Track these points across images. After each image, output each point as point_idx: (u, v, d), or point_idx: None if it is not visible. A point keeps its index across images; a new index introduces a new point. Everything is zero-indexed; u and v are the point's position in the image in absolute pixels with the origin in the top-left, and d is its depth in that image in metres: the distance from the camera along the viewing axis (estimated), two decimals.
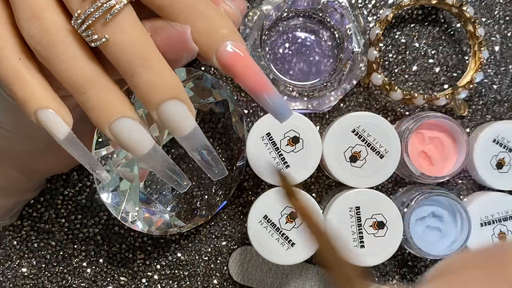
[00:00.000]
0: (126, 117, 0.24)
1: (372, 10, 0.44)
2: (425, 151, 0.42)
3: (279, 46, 0.43)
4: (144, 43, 0.23)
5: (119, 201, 0.39)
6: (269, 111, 0.25)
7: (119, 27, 0.22)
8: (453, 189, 0.45)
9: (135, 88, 0.23)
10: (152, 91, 0.23)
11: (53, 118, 0.24)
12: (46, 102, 0.24)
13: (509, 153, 0.42)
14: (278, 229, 0.38)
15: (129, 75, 0.23)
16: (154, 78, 0.23)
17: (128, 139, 0.24)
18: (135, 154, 0.25)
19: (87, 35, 0.23)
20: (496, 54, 0.45)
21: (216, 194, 0.43)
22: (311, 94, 0.41)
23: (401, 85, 0.44)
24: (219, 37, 0.24)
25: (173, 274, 0.45)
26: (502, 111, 0.45)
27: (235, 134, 0.42)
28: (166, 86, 0.23)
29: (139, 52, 0.23)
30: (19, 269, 0.45)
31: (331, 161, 0.39)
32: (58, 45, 0.23)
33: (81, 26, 0.23)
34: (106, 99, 0.24)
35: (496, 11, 0.45)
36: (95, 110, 0.24)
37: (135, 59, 0.23)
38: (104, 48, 0.23)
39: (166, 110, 0.23)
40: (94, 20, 0.22)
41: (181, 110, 0.24)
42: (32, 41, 0.23)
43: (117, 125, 0.24)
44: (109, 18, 0.22)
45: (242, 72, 0.24)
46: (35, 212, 0.44)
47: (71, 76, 0.23)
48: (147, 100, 0.24)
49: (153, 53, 0.23)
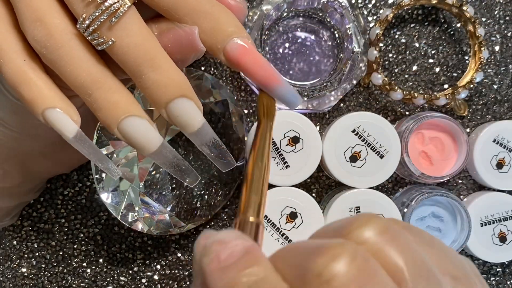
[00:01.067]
0: (134, 116, 0.24)
1: (372, 10, 0.44)
2: (425, 151, 0.42)
3: (279, 46, 0.43)
4: (150, 44, 0.23)
5: (119, 201, 0.39)
6: (279, 100, 0.26)
7: (125, 30, 0.23)
8: (453, 189, 0.45)
9: (144, 88, 0.24)
10: (160, 90, 0.24)
11: (61, 117, 0.24)
12: (53, 101, 0.24)
13: (509, 153, 0.42)
14: (278, 229, 0.38)
15: (137, 76, 0.24)
16: (161, 77, 0.23)
17: (137, 138, 0.24)
18: (144, 152, 0.25)
19: (93, 38, 0.23)
20: (496, 54, 0.45)
21: (216, 194, 0.43)
22: (311, 94, 0.41)
23: (401, 85, 0.44)
24: (225, 35, 0.24)
25: (173, 274, 0.45)
26: (502, 111, 0.45)
27: (235, 134, 0.42)
28: (174, 85, 0.24)
29: (145, 53, 0.23)
30: (19, 269, 0.45)
31: (331, 161, 0.39)
32: (63, 47, 0.23)
33: (86, 30, 0.23)
34: (113, 99, 0.24)
35: (496, 11, 0.45)
36: (103, 110, 0.24)
37: (142, 60, 0.23)
38: (111, 50, 0.23)
39: (175, 108, 0.24)
40: (99, 24, 0.22)
41: (190, 107, 0.24)
42: (37, 44, 0.23)
43: (125, 124, 0.24)
44: (114, 22, 0.22)
45: (251, 67, 0.25)
46: (35, 212, 0.44)
47: (77, 77, 0.23)
48: (156, 99, 0.24)
49: (159, 53, 0.24)
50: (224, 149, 0.27)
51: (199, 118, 0.25)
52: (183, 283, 0.45)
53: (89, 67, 0.23)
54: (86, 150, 0.25)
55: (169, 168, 0.26)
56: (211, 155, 0.26)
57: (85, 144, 0.25)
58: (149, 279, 0.45)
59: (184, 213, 0.42)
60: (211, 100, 0.41)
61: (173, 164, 0.26)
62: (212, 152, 0.26)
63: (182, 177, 0.27)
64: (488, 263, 0.45)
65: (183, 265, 0.45)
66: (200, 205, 0.42)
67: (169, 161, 0.26)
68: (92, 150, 0.26)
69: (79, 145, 0.25)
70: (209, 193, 0.43)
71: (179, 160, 0.26)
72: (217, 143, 0.26)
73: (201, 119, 0.25)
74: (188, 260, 0.45)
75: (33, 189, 0.41)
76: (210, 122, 0.42)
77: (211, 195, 0.43)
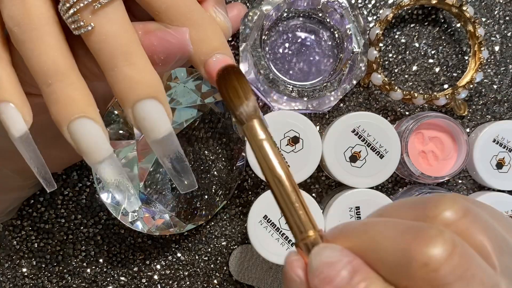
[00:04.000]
0: (88, 118, 0.23)
1: (372, 10, 0.44)
2: (425, 151, 0.42)
3: (279, 46, 0.43)
4: (130, 38, 0.23)
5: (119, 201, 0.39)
6: None
7: (107, 17, 0.22)
8: (453, 189, 0.45)
9: (113, 82, 0.23)
10: (131, 87, 0.22)
11: (13, 113, 0.23)
12: (9, 96, 0.23)
13: (509, 153, 0.42)
14: (278, 229, 0.38)
15: (109, 68, 0.22)
16: (135, 73, 0.22)
17: (85, 142, 0.23)
18: (88, 160, 0.23)
19: (73, 21, 0.22)
20: (496, 54, 0.45)
21: (216, 194, 0.43)
22: (311, 94, 0.41)
23: (401, 85, 0.44)
24: (210, 48, 0.24)
25: (173, 274, 0.45)
26: (502, 111, 0.45)
27: (235, 134, 0.42)
28: (147, 84, 0.23)
29: (123, 45, 0.22)
30: (19, 269, 0.45)
31: (331, 161, 0.39)
32: (37, 30, 0.22)
33: (67, 12, 0.22)
34: (72, 95, 0.23)
35: (496, 11, 0.45)
36: (58, 104, 0.23)
37: (118, 52, 0.22)
38: (87, 37, 0.22)
39: (143, 108, 0.23)
40: (82, 7, 0.22)
41: (159, 111, 0.23)
42: (10, 21, 0.22)
43: (77, 124, 0.23)
44: (98, 7, 0.22)
45: None
46: (35, 212, 0.44)
47: (42, 64, 0.22)
48: (124, 96, 0.23)
49: (137, 50, 0.23)
50: (187, 167, 0.24)
51: (166, 125, 0.23)
52: (183, 283, 0.45)
53: (56, 57, 0.22)
54: (28, 154, 0.24)
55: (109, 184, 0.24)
56: (171, 170, 0.24)
57: (29, 148, 0.24)
58: (149, 279, 0.45)
59: (184, 213, 0.42)
60: (211, 100, 0.41)
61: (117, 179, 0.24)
62: (173, 167, 0.24)
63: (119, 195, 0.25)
64: None
65: (183, 265, 0.45)
66: (200, 205, 0.42)
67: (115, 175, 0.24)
68: (34, 155, 0.24)
69: (23, 147, 0.24)
70: (209, 193, 0.43)
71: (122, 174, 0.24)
72: (180, 157, 0.24)
73: (168, 127, 0.23)
74: (188, 260, 0.45)
75: (26, 186, 0.40)
76: (210, 122, 0.42)
77: (211, 195, 0.43)
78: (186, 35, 0.24)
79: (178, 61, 0.25)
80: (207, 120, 0.42)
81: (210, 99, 0.41)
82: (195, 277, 0.45)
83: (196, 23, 0.24)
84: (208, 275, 0.45)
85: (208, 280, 0.45)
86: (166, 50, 0.24)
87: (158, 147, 0.24)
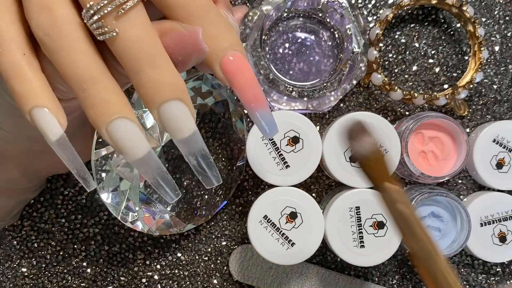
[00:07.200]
0: (125, 118, 0.24)
1: (372, 10, 0.44)
2: (425, 151, 0.42)
3: (279, 46, 0.43)
4: (153, 42, 0.23)
5: (119, 201, 0.39)
6: (257, 125, 0.26)
7: (130, 23, 0.23)
8: (453, 189, 0.45)
9: (139, 85, 0.23)
10: (156, 89, 0.23)
11: (48, 118, 0.24)
12: (43, 101, 0.24)
13: (509, 153, 0.42)
14: (278, 229, 0.38)
15: (134, 72, 0.23)
16: (159, 76, 0.23)
17: (125, 141, 0.24)
18: (129, 158, 0.24)
19: (97, 27, 0.23)
20: (496, 54, 0.45)
21: (216, 194, 0.43)
22: (311, 94, 0.41)
23: (401, 85, 0.44)
24: (227, 44, 0.24)
25: (173, 274, 0.45)
26: (502, 111, 0.45)
27: (235, 134, 0.42)
28: (171, 86, 0.23)
29: (147, 49, 0.23)
30: (19, 269, 0.45)
31: (331, 161, 0.39)
32: (66, 37, 0.23)
33: (91, 18, 0.23)
34: (107, 98, 0.23)
35: (496, 11, 0.45)
36: (95, 107, 0.23)
37: (142, 56, 0.23)
38: (112, 42, 0.23)
39: (168, 110, 0.23)
40: (105, 13, 0.22)
41: (183, 111, 0.24)
42: (40, 31, 0.23)
43: (115, 125, 0.23)
44: (121, 13, 0.22)
45: (244, 82, 0.25)
46: (35, 212, 0.44)
47: (75, 70, 0.23)
48: (150, 99, 0.23)
49: (161, 53, 0.23)
50: (212, 163, 0.25)
51: (190, 125, 0.24)
52: (183, 283, 0.45)
53: (89, 62, 0.23)
54: (67, 156, 0.24)
55: (150, 180, 0.25)
56: (197, 167, 0.25)
57: (66, 150, 0.24)
58: (149, 279, 0.45)
59: (184, 213, 0.42)
60: (211, 100, 0.41)
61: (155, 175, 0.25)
62: (199, 164, 0.25)
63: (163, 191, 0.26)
64: (488, 263, 0.45)
65: (183, 265, 0.45)
66: (200, 205, 0.42)
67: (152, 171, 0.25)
68: (73, 157, 0.25)
69: (60, 150, 0.24)
70: (209, 193, 0.43)
71: (163, 172, 0.25)
72: (205, 154, 0.25)
73: (193, 126, 0.24)
74: (188, 260, 0.45)
75: (31, 188, 0.41)
76: (210, 122, 0.42)
77: (211, 195, 0.43)
78: (199, 34, 0.24)
79: (194, 60, 0.25)
80: (207, 120, 0.42)
81: (210, 99, 0.41)
82: (195, 277, 0.45)
83: (213, 19, 0.24)
84: (208, 275, 0.45)
85: (208, 280, 0.45)
86: (182, 51, 0.24)
87: (183, 146, 0.24)
